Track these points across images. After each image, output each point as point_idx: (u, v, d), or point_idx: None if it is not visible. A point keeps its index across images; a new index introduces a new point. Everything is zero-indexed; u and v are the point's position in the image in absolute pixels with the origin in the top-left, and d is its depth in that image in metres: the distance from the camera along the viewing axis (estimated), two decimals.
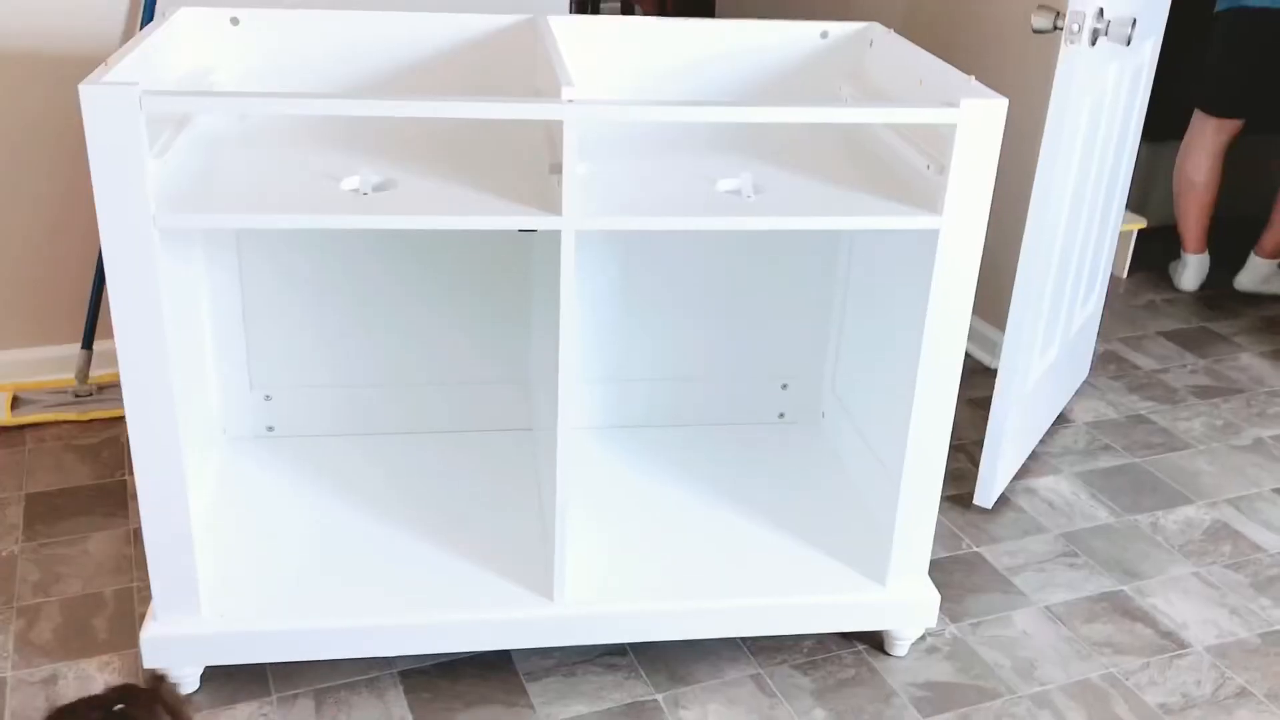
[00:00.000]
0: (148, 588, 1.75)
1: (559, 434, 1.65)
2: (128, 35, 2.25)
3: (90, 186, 2.33)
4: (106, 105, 1.38)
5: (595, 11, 5.14)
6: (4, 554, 1.98)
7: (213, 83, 1.81)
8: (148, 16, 2.20)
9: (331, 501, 1.94)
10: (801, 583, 1.81)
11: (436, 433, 2.14)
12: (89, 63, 2.24)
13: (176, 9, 1.80)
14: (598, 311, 2.10)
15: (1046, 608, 1.99)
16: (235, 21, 1.84)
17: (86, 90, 1.37)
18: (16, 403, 2.37)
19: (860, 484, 2.02)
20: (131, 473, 2.16)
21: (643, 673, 1.80)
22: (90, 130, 1.39)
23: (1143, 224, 3.29)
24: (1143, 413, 2.63)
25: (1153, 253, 3.44)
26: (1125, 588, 2.05)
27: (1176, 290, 3.27)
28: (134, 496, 2.10)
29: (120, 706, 1.06)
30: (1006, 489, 2.31)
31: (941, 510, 2.20)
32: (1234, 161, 3.66)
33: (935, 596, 1.82)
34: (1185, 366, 2.84)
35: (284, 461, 2.04)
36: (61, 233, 2.37)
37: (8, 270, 2.37)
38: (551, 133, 1.57)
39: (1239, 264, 3.33)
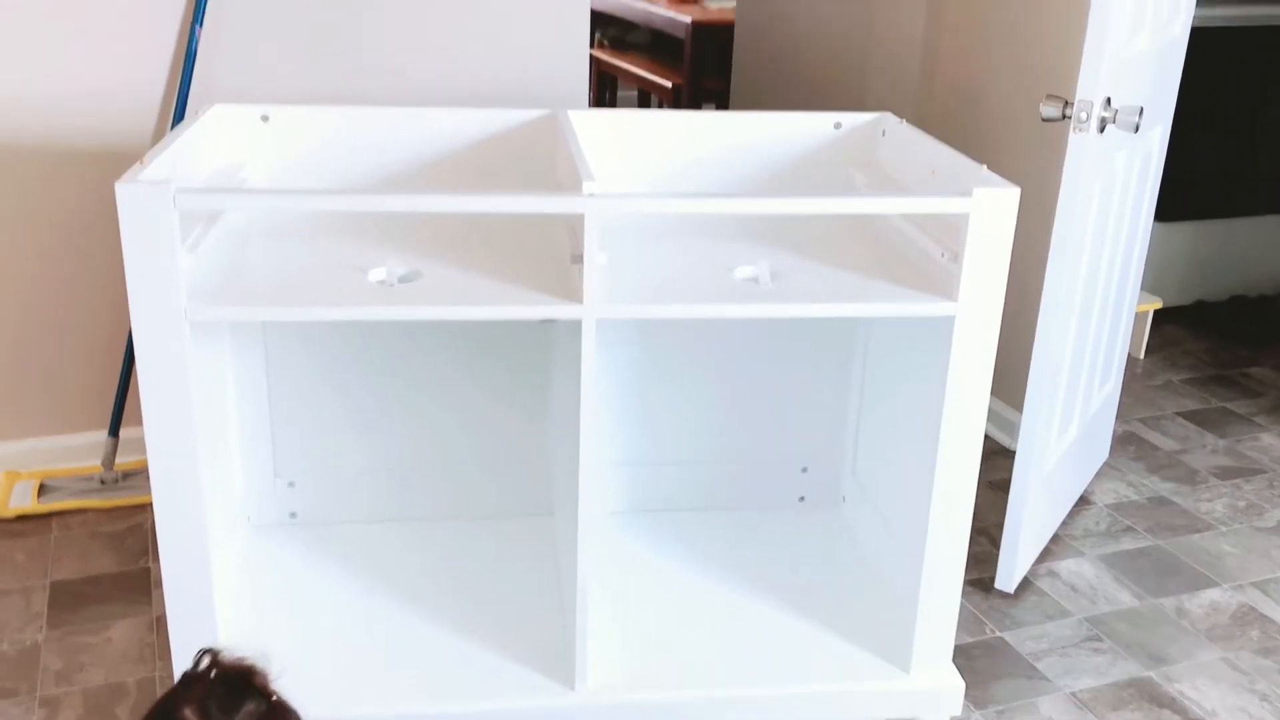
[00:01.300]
0: (170, 677, 1.75)
1: (579, 519, 1.66)
2: (159, 131, 2.32)
3: (118, 276, 2.39)
4: (142, 203, 1.42)
5: (613, 101, 5.25)
6: (28, 643, 1.98)
7: (244, 178, 1.86)
8: (178, 116, 2.26)
9: (352, 590, 1.95)
10: (825, 670, 1.80)
11: (458, 518, 2.15)
12: (120, 156, 2.31)
13: (209, 106, 1.86)
14: (617, 395, 2.12)
15: (1073, 694, 1.97)
16: (266, 118, 1.90)
17: (123, 188, 1.42)
18: (44, 490, 2.39)
19: (882, 569, 2.01)
20: (155, 560, 2.17)
21: None
22: (125, 227, 1.43)
23: (1158, 304, 3.30)
24: (1164, 494, 2.62)
25: (1169, 332, 3.45)
26: (1152, 673, 2.03)
27: (1194, 370, 3.27)
28: (157, 584, 2.11)
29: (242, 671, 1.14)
30: (1029, 572, 2.30)
31: (964, 594, 2.18)
32: (1258, 239, 3.70)
33: (960, 684, 1.80)
34: (1206, 447, 2.83)
35: (306, 549, 2.05)
36: (90, 321, 2.41)
37: (38, 359, 2.42)
38: (573, 224, 1.61)
39: (1262, 344, 3.32)
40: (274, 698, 1.15)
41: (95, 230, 2.35)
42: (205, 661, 1.15)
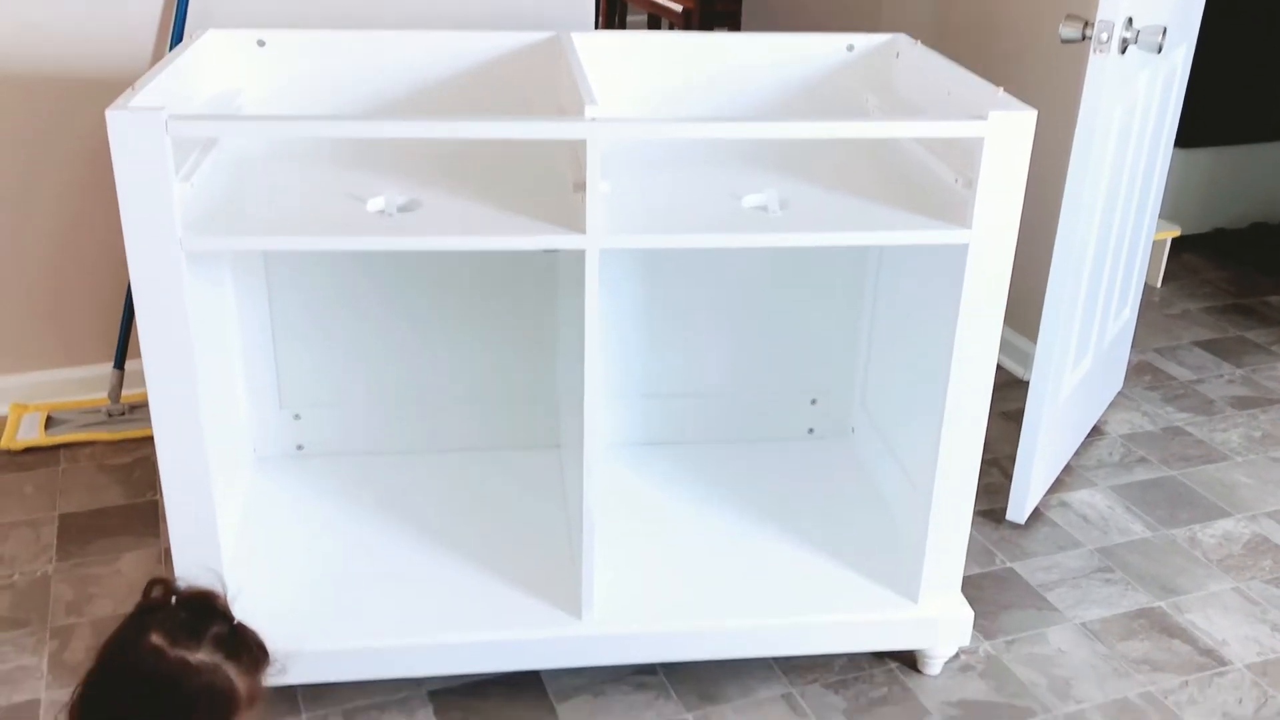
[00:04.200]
0: None
1: (585, 452, 1.64)
2: (155, 58, 2.27)
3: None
4: (133, 130, 1.38)
5: (623, 25, 5.15)
6: (38, 575, 1.99)
7: (239, 104, 1.82)
8: (176, 39, 2.21)
9: (359, 521, 1.94)
10: (833, 601, 1.80)
11: (464, 450, 2.14)
12: (120, 84, 2.26)
13: (204, 32, 1.81)
14: (623, 327, 2.10)
15: (1083, 624, 1.96)
16: (262, 43, 1.85)
17: (113, 115, 1.38)
18: (50, 422, 2.39)
19: (891, 500, 2.00)
20: (162, 493, 2.17)
21: (673, 692, 1.78)
22: (117, 155, 1.40)
23: (1177, 232, 3.24)
24: (1179, 424, 2.59)
25: (1187, 260, 3.40)
26: (1163, 603, 2.02)
27: (1212, 299, 3.22)
28: (165, 517, 2.11)
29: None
30: (1040, 503, 2.28)
31: (974, 525, 2.17)
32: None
33: (969, 614, 1.79)
34: (1222, 376, 2.80)
35: (312, 480, 2.05)
36: (94, 253, 2.39)
37: (42, 291, 2.40)
38: (575, 151, 1.57)
39: None
40: (235, 620, 1.15)
41: (96, 160, 2.31)
42: (157, 591, 1.14)
